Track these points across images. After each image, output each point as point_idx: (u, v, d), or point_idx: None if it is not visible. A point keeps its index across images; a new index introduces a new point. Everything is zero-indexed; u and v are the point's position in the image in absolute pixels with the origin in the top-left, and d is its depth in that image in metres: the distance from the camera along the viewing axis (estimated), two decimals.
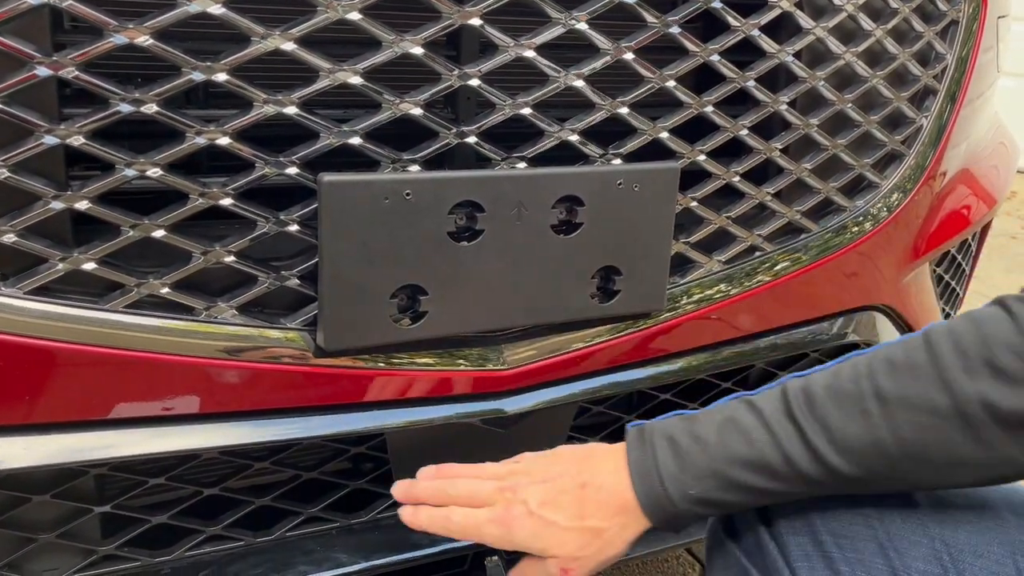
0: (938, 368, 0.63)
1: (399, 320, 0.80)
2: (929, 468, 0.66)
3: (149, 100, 0.69)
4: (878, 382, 0.65)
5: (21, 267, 0.70)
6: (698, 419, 0.72)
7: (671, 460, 0.71)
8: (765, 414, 0.69)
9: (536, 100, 0.84)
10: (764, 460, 0.68)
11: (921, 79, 1.10)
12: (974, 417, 0.62)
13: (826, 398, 0.67)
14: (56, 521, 0.80)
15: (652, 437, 0.73)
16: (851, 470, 0.67)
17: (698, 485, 0.70)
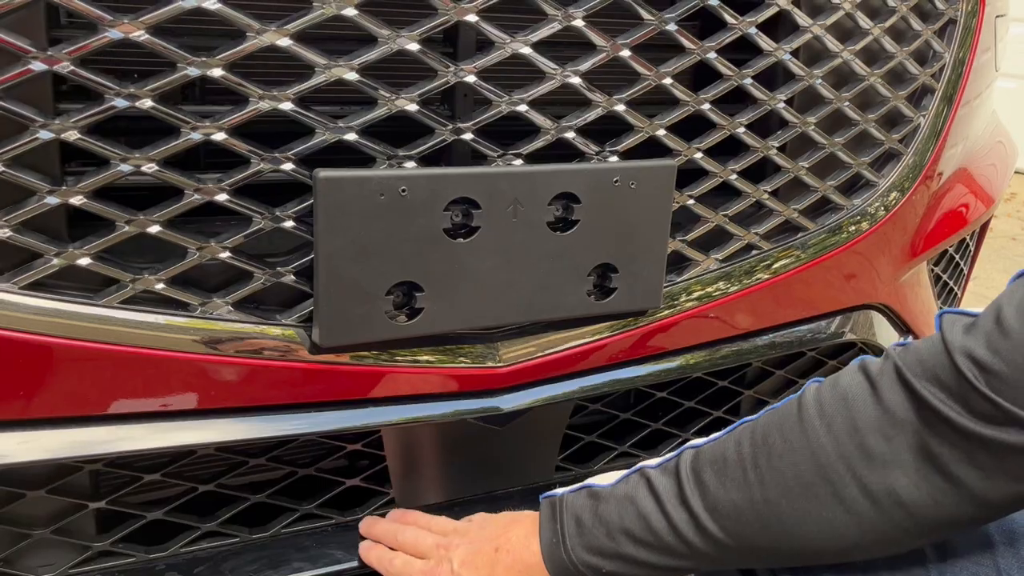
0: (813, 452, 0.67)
1: (395, 317, 0.80)
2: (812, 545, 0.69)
3: (144, 95, 0.69)
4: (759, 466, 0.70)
5: (16, 262, 0.70)
6: (602, 496, 0.78)
7: (578, 540, 0.76)
8: (661, 496, 0.74)
9: (532, 97, 0.84)
10: (663, 543, 0.73)
11: (919, 78, 1.10)
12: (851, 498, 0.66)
13: (714, 479, 0.72)
14: (51, 517, 0.80)
15: (562, 512, 0.79)
16: (739, 546, 0.71)
17: (607, 564, 0.75)
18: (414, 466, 0.94)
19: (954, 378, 0.61)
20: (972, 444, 0.61)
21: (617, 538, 0.74)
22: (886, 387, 0.65)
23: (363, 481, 0.94)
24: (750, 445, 0.71)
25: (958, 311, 0.65)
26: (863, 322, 1.17)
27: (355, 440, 0.93)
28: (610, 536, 0.75)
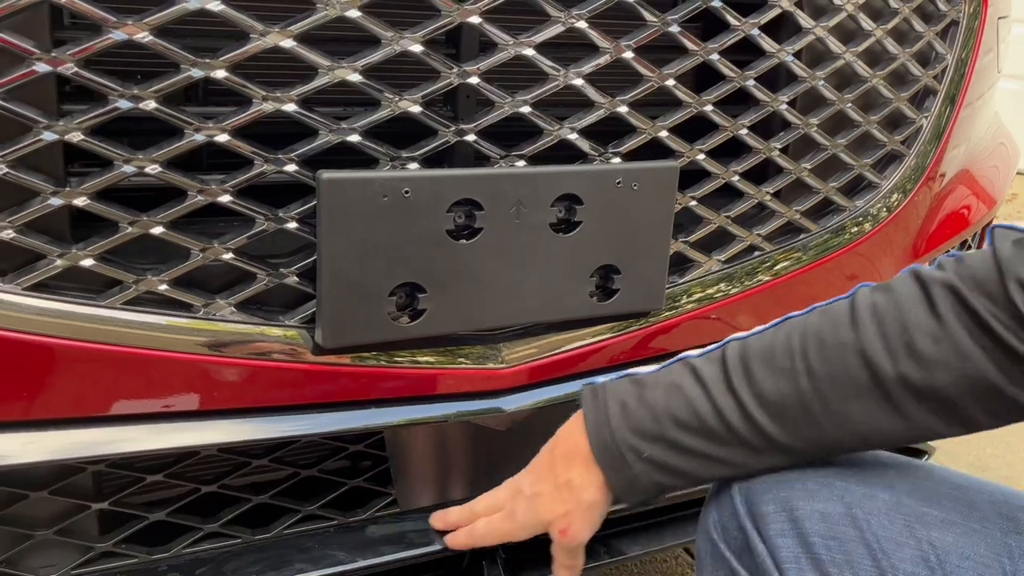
0: (862, 348, 0.70)
1: (398, 318, 0.80)
2: (854, 436, 0.72)
3: (148, 97, 0.69)
4: (808, 359, 0.71)
5: (19, 263, 0.70)
6: (647, 383, 0.78)
7: (621, 420, 0.76)
8: (707, 383, 0.74)
9: (535, 99, 0.84)
10: (706, 427, 0.74)
11: (921, 79, 1.10)
12: (894, 393, 0.69)
13: (761, 367, 0.73)
14: (54, 518, 0.80)
15: (605, 397, 0.78)
16: (785, 438, 0.73)
17: (649, 448, 0.75)
18: (417, 467, 0.95)
19: (1003, 299, 0.65)
20: (1016, 364, 0.64)
21: (662, 421, 0.74)
22: (939, 296, 0.68)
23: (365, 482, 0.94)
24: (800, 338, 0.72)
25: (1008, 225, 0.68)
26: None
27: (357, 441, 0.93)
28: (655, 419, 0.75)
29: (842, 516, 0.72)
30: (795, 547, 0.72)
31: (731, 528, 0.76)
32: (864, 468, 0.74)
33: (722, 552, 0.76)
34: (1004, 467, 2.19)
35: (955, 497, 0.73)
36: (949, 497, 0.73)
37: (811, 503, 0.72)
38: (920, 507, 0.72)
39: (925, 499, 0.72)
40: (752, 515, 0.74)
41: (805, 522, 0.72)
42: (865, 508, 0.72)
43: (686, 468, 0.75)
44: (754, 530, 0.74)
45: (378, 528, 0.93)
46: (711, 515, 0.79)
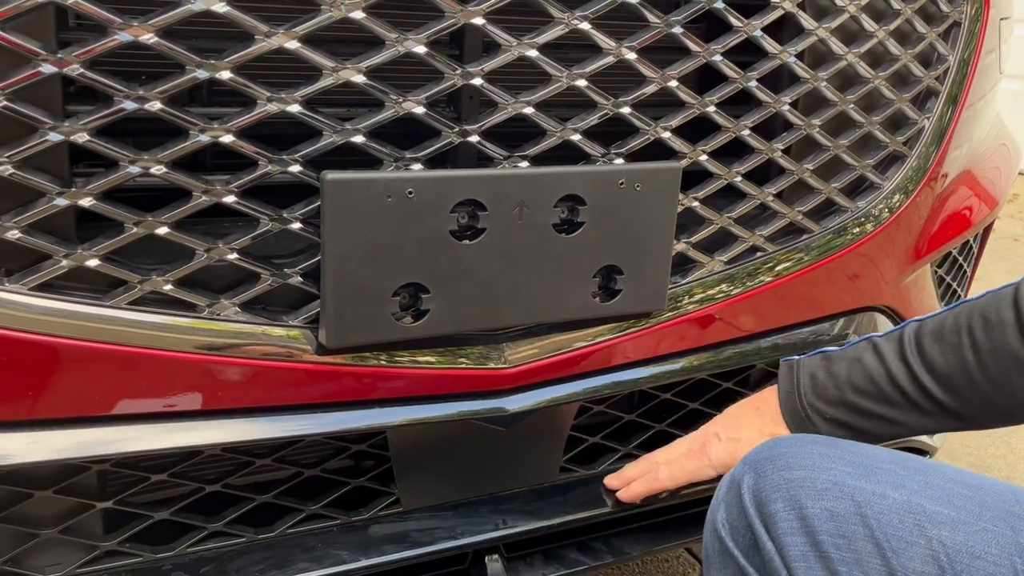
0: (1021, 325, 0.77)
1: (401, 318, 0.80)
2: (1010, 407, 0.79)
3: (153, 97, 0.69)
4: (974, 335, 0.80)
5: (25, 263, 0.70)
6: (834, 358, 0.89)
7: (810, 389, 0.88)
8: (884, 354, 0.86)
9: (538, 99, 0.84)
10: (881, 391, 0.85)
11: (923, 80, 1.10)
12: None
13: (932, 344, 0.83)
14: (59, 516, 0.80)
15: (799, 370, 0.90)
16: (953, 403, 0.82)
17: (832, 410, 0.87)
18: (419, 467, 0.95)
19: None
20: None
21: (843, 388, 0.86)
22: None
23: (368, 482, 0.94)
24: (967, 316, 0.81)
25: None
26: (867, 324, 1.17)
27: (361, 441, 0.94)
28: (838, 387, 0.86)
29: (852, 515, 0.72)
30: (804, 545, 0.72)
31: (739, 526, 0.77)
32: (874, 467, 0.75)
33: (730, 550, 0.77)
34: (1006, 467, 2.19)
35: (965, 496, 0.73)
36: (959, 496, 0.73)
37: (820, 502, 0.73)
38: (930, 506, 0.72)
39: (935, 498, 0.73)
40: (761, 513, 0.75)
41: (814, 520, 0.72)
42: (875, 507, 0.72)
43: (865, 426, 0.86)
44: (763, 528, 0.75)
45: (381, 528, 0.93)
46: (719, 513, 0.79)
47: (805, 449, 0.77)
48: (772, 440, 0.81)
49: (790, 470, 0.75)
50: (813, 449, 0.77)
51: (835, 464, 0.75)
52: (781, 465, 0.76)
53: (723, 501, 0.79)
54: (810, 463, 0.75)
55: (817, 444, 0.78)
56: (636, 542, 1.08)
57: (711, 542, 0.81)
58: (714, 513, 0.80)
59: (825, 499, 0.73)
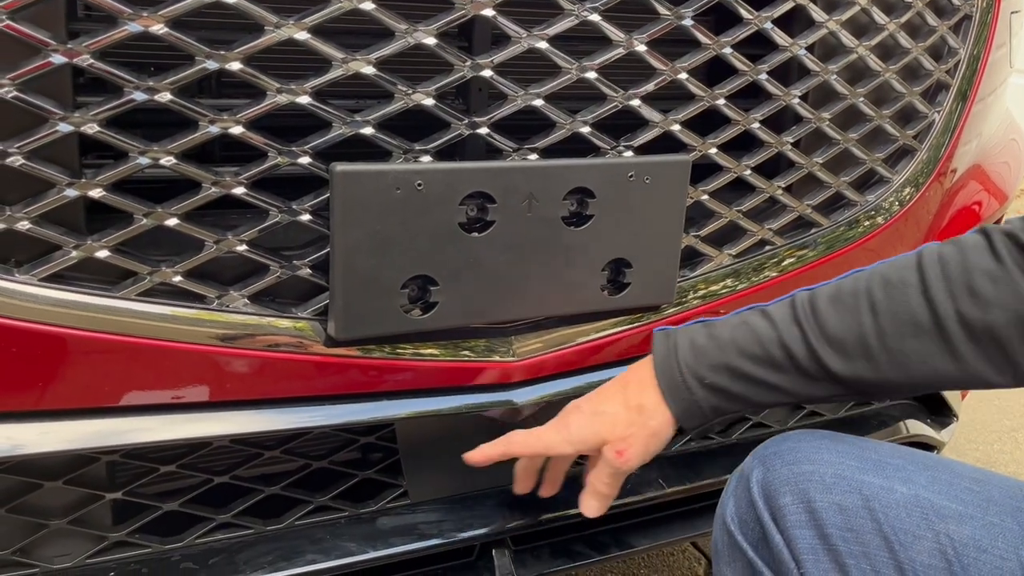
0: (924, 288, 0.74)
1: (410, 310, 0.80)
2: (908, 375, 0.76)
3: (163, 88, 0.69)
4: (873, 297, 0.76)
5: (35, 254, 0.70)
6: (716, 324, 0.83)
7: (689, 353, 0.82)
8: (774, 318, 0.80)
9: (548, 92, 0.84)
10: (769, 355, 0.79)
11: (934, 74, 1.09)
12: (950, 332, 0.73)
13: (828, 307, 0.78)
14: (68, 507, 0.81)
15: (676, 336, 0.84)
16: (841, 368, 0.77)
17: (711, 375, 0.80)
18: (427, 459, 0.95)
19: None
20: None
21: (727, 351, 0.80)
22: (1000, 242, 0.73)
23: (376, 474, 0.94)
24: (866, 279, 0.78)
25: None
26: None
27: (368, 433, 0.94)
28: (720, 349, 0.80)
29: (860, 508, 0.72)
30: (812, 539, 0.73)
31: (748, 520, 0.77)
32: (882, 462, 0.75)
33: (739, 543, 0.77)
34: (1012, 463, 2.19)
35: (973, 491, 0.73)
36: (967, 491, 0.73)
37: (829, 495, 0.73)
38: (938, 500, 0.72)
39: (943, 493, 0.73)
40: (770, 507, 0.75)
41: (823, 514, 0.73)
42: (883, 501, 0.72)
43: (744, 393, 0.80)
44: (772, 522, 0.75)
45: (389, 520, 0.93)
46: (728, 507, 0.79)
47: (814, 444, 0.77)
48: (781, 435, 0.81)
49: (799, 464, 0.75)
50: (822, 444, 0.77)
51: (844, 459, 0.75)
52: (790, 459, 0.76)
53: (732, 495, 0.79)
54: (819, 457, 0.75)
55: (826, 439, 0.78)
56: (642, 536, 1.08)
57: (720, 536, 0.81)
58: (723, 507, 0.80)
59: (833, 493, 0.73)
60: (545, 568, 1.00)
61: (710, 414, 0.82)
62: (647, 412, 0.83)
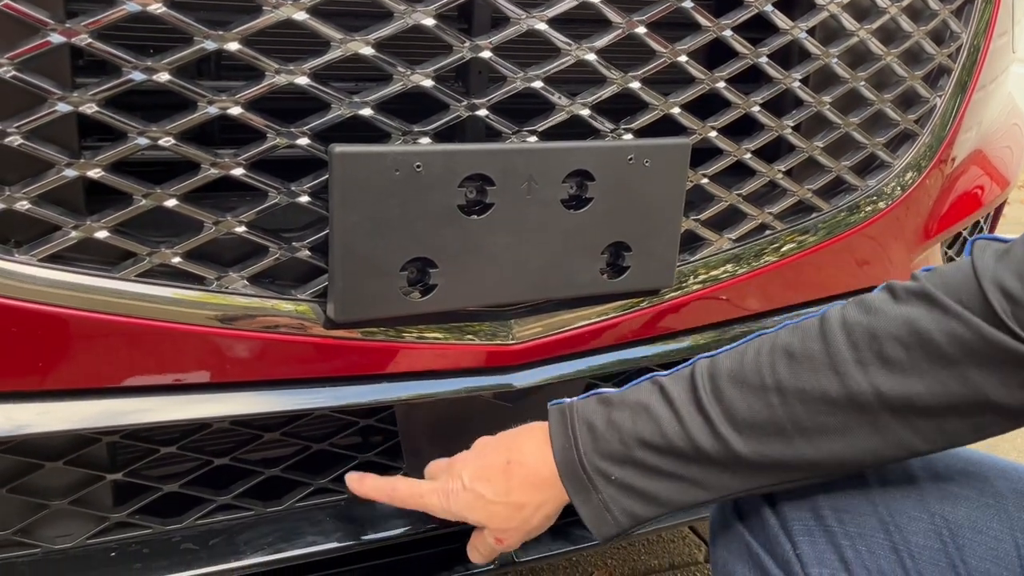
0: (832, 360, 0.66)
1: (409, 293, 0.81)
2: (829, 454, 0.68)
3: (161, 69, 0.69)
4: (778, 374, 0.68)
5: (35, 234, 0.70)
6: (614, 402, 0.76)
7: (591, 446, 0.74)
8: (675, 402, 0.72)
9: (547, 73, 0.83)
10: (673, 446, 0.71)
11: (936, 58, 1.09)
12: (868, 406, 0.66)
13: (730, 385, 0.70)
14: (69, 488, 0.81)
15: (573, 419, 0.76)
16: (755, 455, 0.69)
17: (618, 471, 0.73)
18: (426, 442, 0.95)
19: (980, 304, 0.61)
20: (994, 352, 0.60)
21: (629, 444, 0.72)
22: (908, 299, 0.65)
23: (375, 456, 0.95)
24: (768, 353, 0.69)
25: (990, 236, 0.65)
26: None
27: (368, 415, 0.94)
28: (623, 442, 0.73)
29: (856, 490, 0.72)
30: (808, 521, 0.73)
31: (746, 505, 0.77)
32: None
33: (736, 527, 0.78)
34: (1012, 452, 2.19)
35: (969, 472, 0.73)
36: (963, 472, 0.73)
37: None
38: (933, 482, 0.72)
39: (938, 474, 0.73)
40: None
41: (819, 496, 0.73)
42: (879, 483, 0.73)
43: (656, 491, 0.72)
44: (768, 506, 0.75)
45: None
46: None
47: None
48: None
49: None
50: None
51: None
52: None
53: None
54: None
55: None
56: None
57: (717, 518, 0.82)
58: None
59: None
60: (544, 551, 1.01)
61: (624, 520, 0.74)
62: (528, 511, 0.79)
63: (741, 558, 0.77)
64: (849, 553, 0.71)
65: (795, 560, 0.72)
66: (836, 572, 0.71)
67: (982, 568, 0.68)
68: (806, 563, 0.72)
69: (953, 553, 0.69)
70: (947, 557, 0.69)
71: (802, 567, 0.72)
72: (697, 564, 1.65)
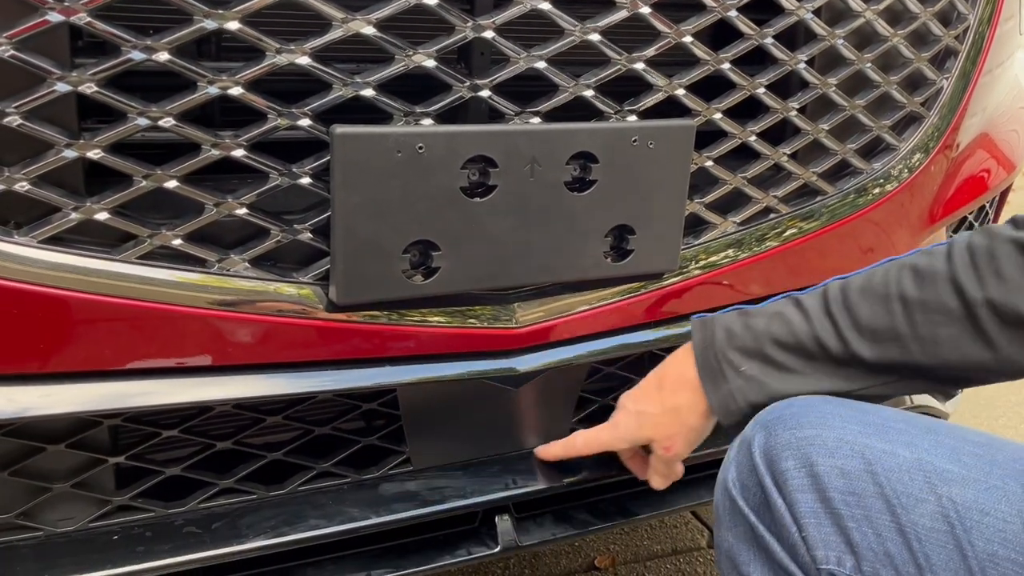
0: (953, 275, 0.76)
1: (412, 276, 0.80)
2: (942, 363, 0.77)
3: (161, 48, 0.68)
4: (903, 286, 0.78)
5: (35, 216, 0.70)
6: (752, 313, 0.86)
7: (726, 342, 0.85)
8: (807, 310, 0.83)
9: (551, 54, 0.83)
10: (800, 344, 0.82)
11: (943, 39, 1.08)
12: (980, 319, 0.74)
13: (859, 296, 0.80)
14: (71, 471, 0.81)
15: (713, 325, 0.87)
16: (872, 357, 0.79)
17: (746, 363, 0.84)
18: (429, 426, 0.95)
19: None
20: None
21: (761, 340, 0.83)
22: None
23: (379, 440, 0.95)
24: (897, 268, 0.79)
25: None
26: None
27: (371, 399, 0.94)
28: (755, 339, 0.83)
29: (862, 472, 0.72)
30: (814, 502, 0.72)
31: (750, 485, 0.77)
32: (885, 426, 0.75)
33: (741, 508, 0.77)
34: (1019, 438, 2.18)
35: (975, 455, 0.72)
36: (970, 455, 0.72)
37: (831, 459, 0.73)
38: (940, 464, 0.72)
39: (945, 456, 0.72)
40: (772, 472, 0.75)
41: (824, 478, 0.72)
42: (885, 464, 0.72)
43: (778, 386, 0.82)
44: (773, 486, 0.75)
45: (391, 486, 0.94)
46: (730, 472, 0.79)
47: (816, 409, 0.77)
48: (783, 401, 0.81)
49: (801, 429, 0.75)
50: (825, 408, 0.77)
51: (846, 423, 0.75)
52: (792, 424, 0.76)
53: (734, 461, 0.79)
54: (821, 422, 0.75)
55: (829, 404, 0.78)
56: (645, 504, 1.08)
57: (722, 501, 0.81)
58: (725, 472, 0.80)
59: (836, 457, 0.73)
60: (547, 535, 1.01)
61: (745, 409, 0.84)
62: (683, 413, 0.89)
63: (746, 541, 0.77)
64: (855, 536, 0.71)
65: (801, 543, 0.72)
66: (842, 555, 0.71)
67: (989, 550, 0.68)
68: (812, 546, 0.72)
69: (960, 535, 0.68)
70: (954, 539, 0.68)
71: (807, 550, 0.72)
72: (700, 549, 1.65)
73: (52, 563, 0.78)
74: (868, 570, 0.70)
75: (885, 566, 0.70)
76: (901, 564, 0.69)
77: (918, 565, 0.69)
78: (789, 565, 0.73)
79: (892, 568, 0.69)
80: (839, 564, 0.71)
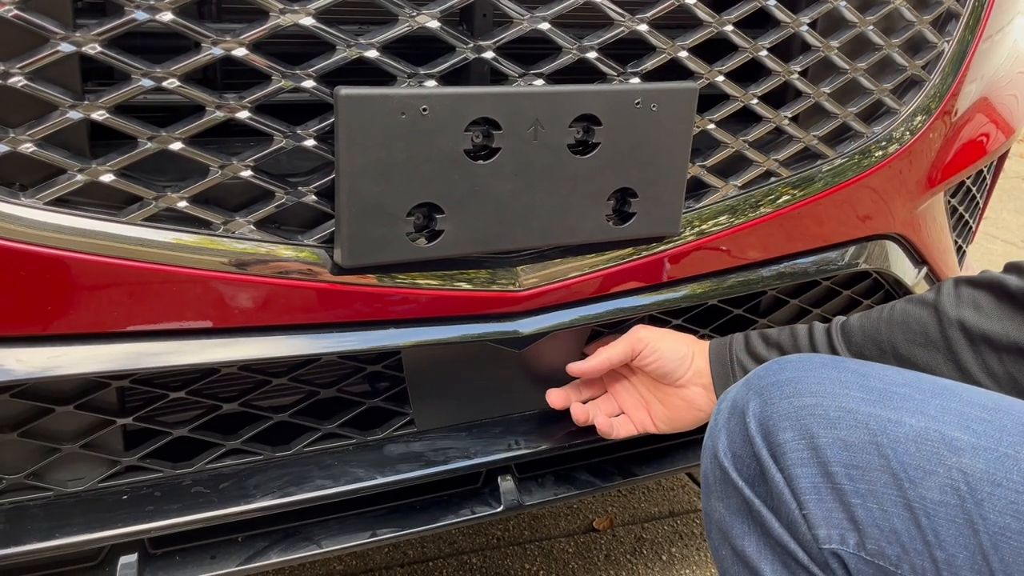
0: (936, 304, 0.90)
1: (416, 238, 0.80)
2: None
3: (164, 8, 0.68)
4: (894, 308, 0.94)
5: (40, 177, 0.70)
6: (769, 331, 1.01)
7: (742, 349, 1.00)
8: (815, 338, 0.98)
9: (554, 15, 0.82)
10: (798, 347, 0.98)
11: (944, 3, 1.08)
12: (952, 339, 0.87)
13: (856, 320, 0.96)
14: (80, 432, 0.82)
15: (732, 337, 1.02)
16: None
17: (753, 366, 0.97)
18: (433, 388, 0.96)
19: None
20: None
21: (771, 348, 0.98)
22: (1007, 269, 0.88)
23: (383, 402, 0.96)
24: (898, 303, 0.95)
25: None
26: (878, 253, 1.17)
27: (375, 361, 0.95)
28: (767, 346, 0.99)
29: (866, 444, 0.68)
30: (815, 477, 0.68)
31: (744, 456, 0.72)
32: (889, 391, 0.71)
33: (734, 480, 0.73)
34: None
35: (985, 420, 0.68)
36: (979, 420, 0.68)
37: (832, 431, 0.69)
38: (949, 432, 0.67)
39: (954, 423, 0.68)
40: (768, 443, 0.71)
41: (827, 451, 0.68)
42: (891, 435, 0.67)
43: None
44: (771, 459, 0.70)
45: (396, 447, 0.95)
46: (720, 440, 0.75)
47: (814, 373, 0.73)
48: (777, 362, 0.77)
49: (799, 397, 0.71)
50: (823, 373, 0.72)
51: (848, 389, 0.71)
52: (790, 391, 0.71)
53: (724, 428, 0.75)
54: (820, 389, 0.71)
55: (826, 367, 0.73)
56: (644, 465, 1.10)
57: (711, 470, 0.76)
58: (714, 439, 0.76)
59: (838, 428, 0.68)
60: (549, 495, 1.02)
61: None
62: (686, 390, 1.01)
63: (739, 513, 0.73)
64: (860, 512, 0.67)
65: (801, 520, 0.68)
66: (845, 533, 0.67)
67: (1002, 523, 0.63)
68: (813, 524, 0.68)
69: (971, 509, 0.64)
70: (965, 513, 0.64)
71: (809, 528, 0.68)
72: (696, 511, 1.67)
73: (63, 522, 0.79)
74: (873, 548, 0.66)
75: (891, 543, 0.66)
76: (908, 541, 0.65)
77: (926, 542, 0.65)
78: (788, 542, 0.69)
79: (898, 545, 0.65)
80: (842, 543, 0.67)
